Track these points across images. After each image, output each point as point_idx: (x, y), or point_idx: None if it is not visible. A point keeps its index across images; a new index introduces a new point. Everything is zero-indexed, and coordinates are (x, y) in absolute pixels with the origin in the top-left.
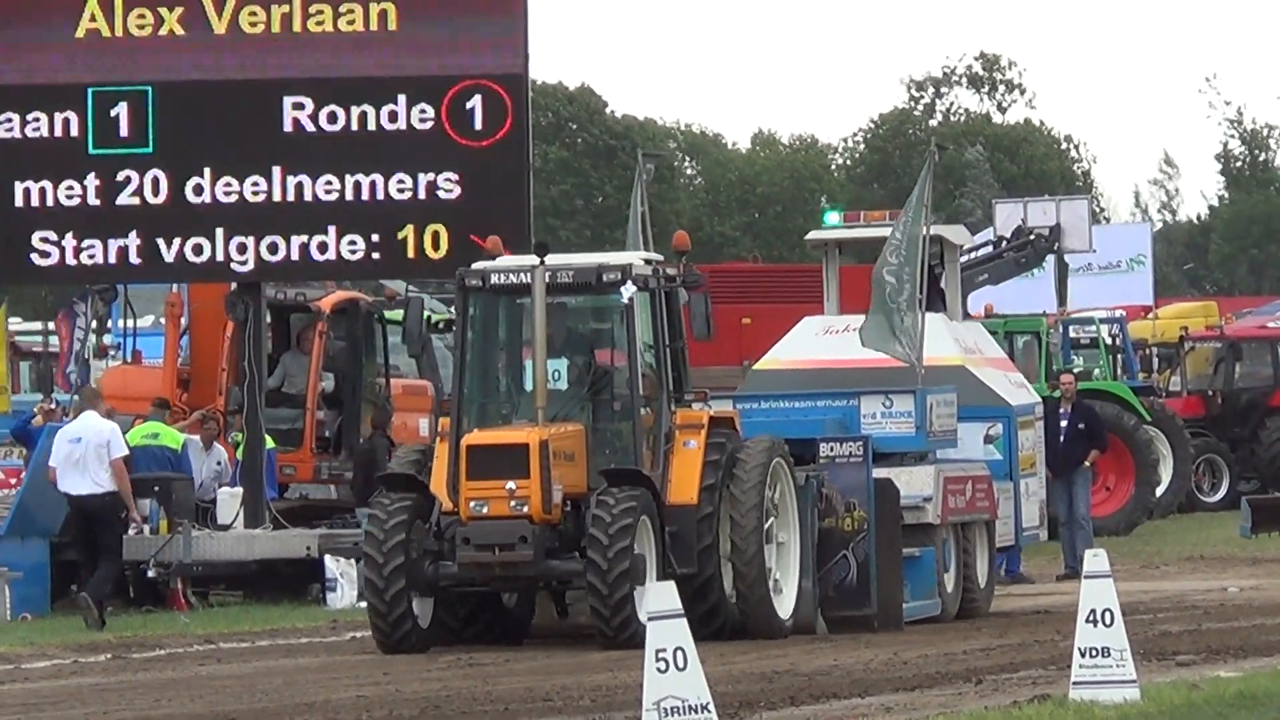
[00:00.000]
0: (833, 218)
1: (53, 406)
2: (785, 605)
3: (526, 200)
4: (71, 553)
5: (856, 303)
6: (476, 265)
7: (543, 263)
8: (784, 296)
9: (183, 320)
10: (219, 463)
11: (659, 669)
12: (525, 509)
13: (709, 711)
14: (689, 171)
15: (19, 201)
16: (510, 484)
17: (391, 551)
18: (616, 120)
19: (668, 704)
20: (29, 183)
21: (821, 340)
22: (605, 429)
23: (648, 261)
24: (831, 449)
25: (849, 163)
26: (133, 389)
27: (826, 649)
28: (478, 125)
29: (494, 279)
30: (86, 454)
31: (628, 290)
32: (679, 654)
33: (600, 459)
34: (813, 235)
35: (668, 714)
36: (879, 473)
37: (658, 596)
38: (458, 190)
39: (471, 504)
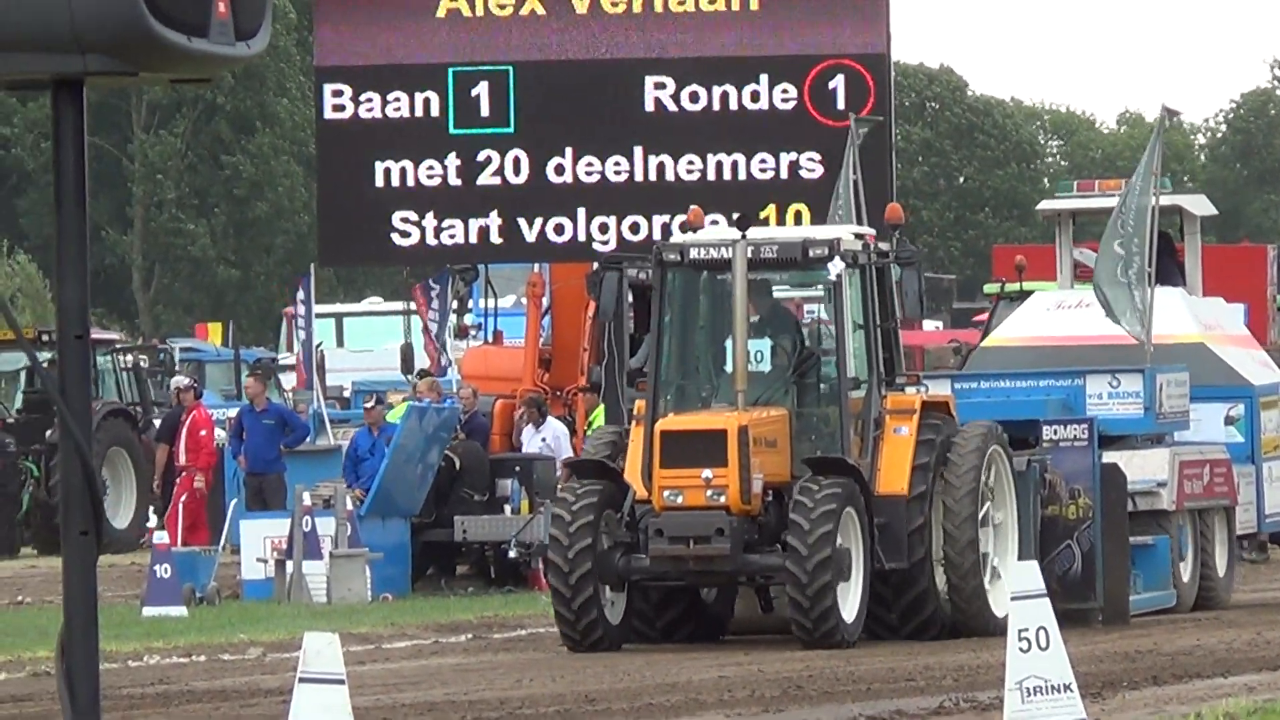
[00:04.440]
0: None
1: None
2: (1002, 598)
3: (889, 180)
4: (432, 533)
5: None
6: (675, 238)
7: (744, 237)
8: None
9: (544, 300)
10: (544, 439)
11: (1021, 649)
12: (723, 499)
13: (1071, 691)
14: (1053, 151)
15: (379, 182)
16: (707, 472)
17: (578, 541)
18: (978, 100)
19: (1030, 684)
20: (389, 163)
21: (1052, 316)
22: (810, 414)
23: (857, 236)
24: (1055, 432)
25: (1211, 142)
26: (494, 369)
27: (1189, 628)
28: (840, 105)
29: (693, 253)
30: None
31: (835, 267)
32: (1042, 633)
33: (805, 446)
34: (1044, 205)
35: (1030, 694)
36: (1107, 457)
37: (1020, 576)
38: (820, 170)
39: (665, 493)
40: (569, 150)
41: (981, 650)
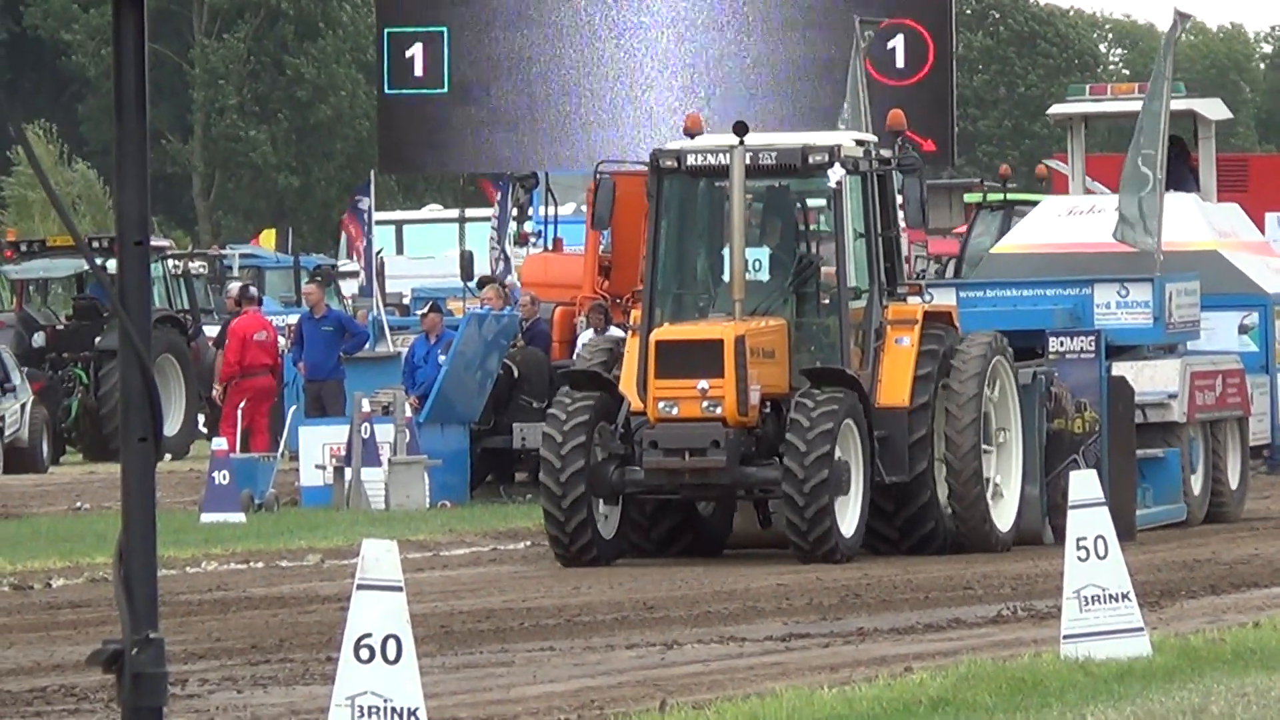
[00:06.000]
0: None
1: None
2: (1005, 514)
3: (950, 89)
4: (491, 440)
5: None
6: (672, 145)
7: (742, 143)
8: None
9: None
10: None
11: (1079, 557)
12: (718, 410)
13: (1129, 600)
14: (1115, 60)
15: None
16: (702, 383)
17: (570, 454)
18: (1040, 7)
19: (1088, 592)
20: None
21: (1063, 222)
22: (810, 324)
23: (859, 142)
24: (1061, 344)
25: (1275, 50)
26: (554, 276)
27: (1247, 537)
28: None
29: (690, 160)
30: None
31: (835, 173)
32: (1100, 542)
33: (804, 357)
34: (1056, 109)
35: (1088, 602)
36: (1115, 369)
37: (1079, 485)
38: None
39: (660, 404)
40: None
41: (1040, 559)
